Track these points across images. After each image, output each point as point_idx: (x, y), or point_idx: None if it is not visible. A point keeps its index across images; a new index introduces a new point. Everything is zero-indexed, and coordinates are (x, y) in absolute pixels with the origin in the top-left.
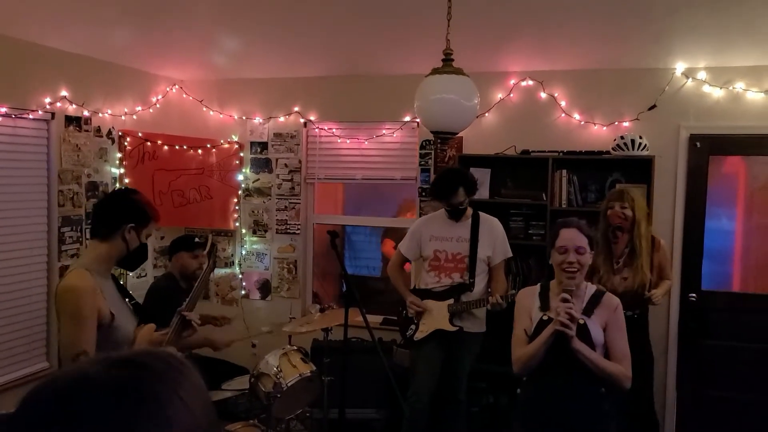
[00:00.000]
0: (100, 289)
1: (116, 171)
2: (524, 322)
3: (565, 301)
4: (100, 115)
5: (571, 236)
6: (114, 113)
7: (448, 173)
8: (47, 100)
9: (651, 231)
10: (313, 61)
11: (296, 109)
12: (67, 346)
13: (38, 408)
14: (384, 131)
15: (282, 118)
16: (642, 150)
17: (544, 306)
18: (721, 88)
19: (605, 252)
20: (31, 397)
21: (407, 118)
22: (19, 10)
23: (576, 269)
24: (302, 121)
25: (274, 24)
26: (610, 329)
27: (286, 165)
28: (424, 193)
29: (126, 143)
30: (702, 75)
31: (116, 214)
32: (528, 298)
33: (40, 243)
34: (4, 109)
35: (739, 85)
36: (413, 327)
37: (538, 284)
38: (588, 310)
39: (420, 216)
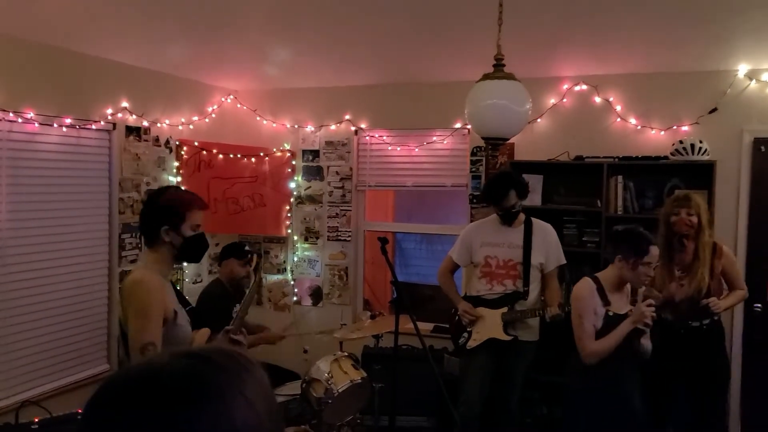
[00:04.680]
0: (164, 286)
1: (173, 179)
2: (592, 318)
3: (650, 305)
4: (159, 125)
5: (656, 253)
6: (171, 123)
7: (498, 177)
8: (109, 111)
9: (713, 237)
10: (363, 70)
11: (347, 117)
12: (134, 338)
13: (109, 397)
14: (434, 138)
15: (333, 127)
16: (702, 155)
17: (605, 301)
18: None
19: (665, 258)
20: (104, 386)
21: (458, 125)
22: (82, 25)
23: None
24: (353, 128)
25: (324, 34)
26: None
27: (337, 173)
28: (474, 200)
29: (183, 152)
30: (766, 77)
31: (150, 222)
32: (590, 295)
33: (102, 249)
34: (68, 120)
35: None
36: (465, 335)
37: (588, 279)
38: (634, 302)
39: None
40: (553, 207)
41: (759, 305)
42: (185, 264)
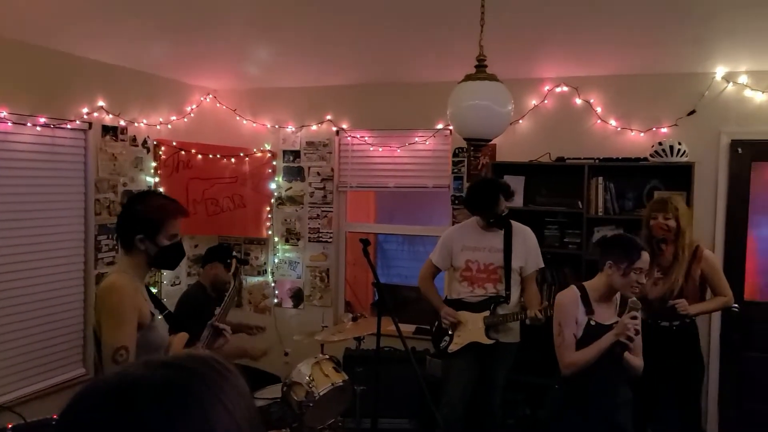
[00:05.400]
0: (139, 290)
1: (151, 180)
2: (572, 327)
3: (634, 318)
4: (136, 124)
5: (648, 259)
6: (149, 123)
7: (482, 185)
8: (84, 110)
9: (694, 240)
10: (345, 70)
11: (328, 117)
12: (107, 343)
13: (84, 409)
14: (416, 139)
15: (314, 127)
16: (681, 156)
17: (589, 310)
18: (763, 92)
19: None
20: (77, 398)
21: (440, 126)
22: (57, 22)
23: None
24: (334, 129)
25: (306, 34)
26: None
27: (318, 173)
28: (456, 201)
29: (161, 152)
30: (743, 79)
31: (125, 229)
32: (572, 303)
33: (77, 251)
34: (43, 120)
35: None
36: (447, 338)
37: (574, 287)
38: (620, 314)
39: (453, 224)
40: (534, 208)
41: (736, 306)
42: None
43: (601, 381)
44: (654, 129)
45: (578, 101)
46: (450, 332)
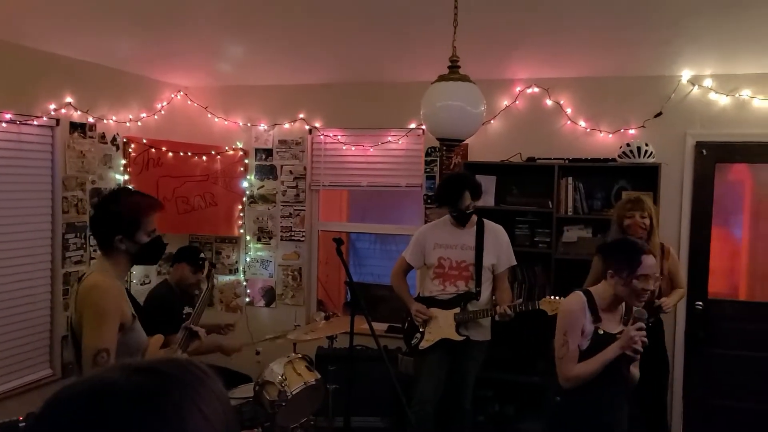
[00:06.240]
0: (122, 292)
1: (120, 177)
2: (578, 338)
3: (640, 329)
4: (105, 121)
5: (652, 263)
6: (119, 120)
7: (452, 178)
8: (52, 106)
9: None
10: (318, 68)
11: (301, 116)
12: (88, 345)
13: (59, 413)
14: (389, 138)
15: (287, 125)
16: (648, 157)
17: (596, 318)
18: (727, 95)
19: None
20: (51, 402)
21: (413, 125)
22: (24, 17)
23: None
24: (307, 128)
25: (279, 31)
26: None
27: (291, 172)
28: (429, 200)
29: (130, 150)
30: (708, 82)
31: (102, 230)
32: (580, 311)
33: (44, 250)
34: (8, 116)
35: (746, 93)
36: (418, 335)
37: (580, 293)
38: (626, 322)
39: (426, 223)
40: (505, 207)
41: (700, 303)
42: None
43: (602, 394)
44: (622, 130)
45: (549, 102)
46: (421, 329)
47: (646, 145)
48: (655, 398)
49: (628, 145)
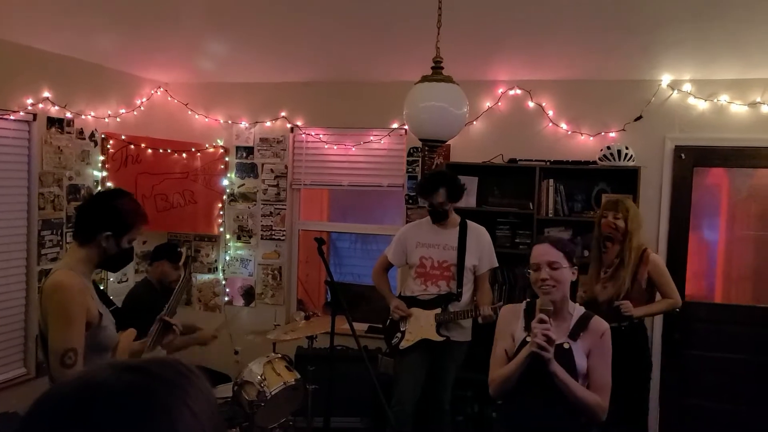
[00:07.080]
0: (88, 289)
1: (98, 174)
2: (506, 342)
3: (541, 321)
4: (83, 117)
5: (542, 251)
6: (97, 115)
7: (434, 173)
8: (29, 101)
9: (642, 243)
10: (301, 67)
11: (283, 114)
12: (55, 346)
13: (48, 413)
14: (371, 138)
15: (268, 123)
16: (628, 161)
17: (529, 326)
18: (705, 100)
19: (596, 260)
20: (41, 401)
21: (395, 125)
22: (1, 10)
23: (551, 285)
24: (289, 126)
25: (262, 29)
26: (594, 356)
27: (272, 170)
28: (411, 201)
29: (109, 146)
30: (687, 87)
31: (93, 221)
32: (512, 317)
33: (19, 246)
34: None
35: (724, 98)
36: (399, 335)
37: (524, 301)
38: (574, 334)
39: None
40: (487, 209)
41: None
42: None
43: (534, 402)
44: (603, 133)
45: (531, 104)
46: (402, 329)
47: (627, 148)
48: (636, 400)
49: (608, 148)
